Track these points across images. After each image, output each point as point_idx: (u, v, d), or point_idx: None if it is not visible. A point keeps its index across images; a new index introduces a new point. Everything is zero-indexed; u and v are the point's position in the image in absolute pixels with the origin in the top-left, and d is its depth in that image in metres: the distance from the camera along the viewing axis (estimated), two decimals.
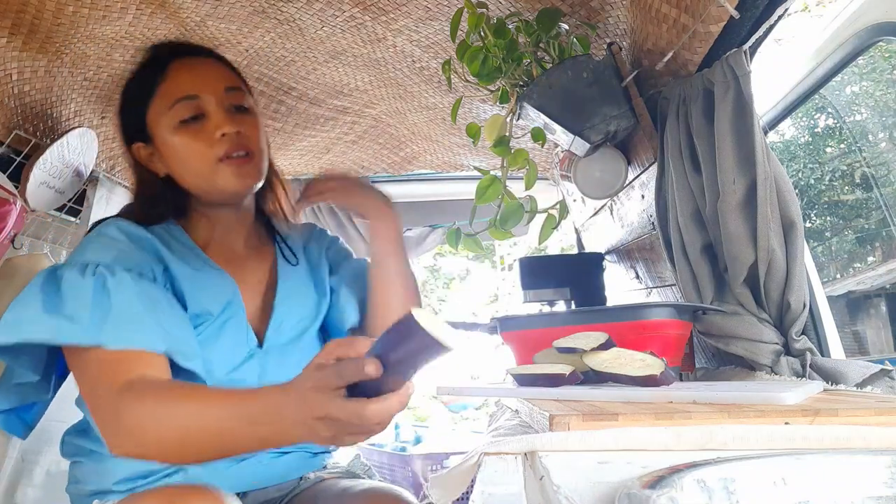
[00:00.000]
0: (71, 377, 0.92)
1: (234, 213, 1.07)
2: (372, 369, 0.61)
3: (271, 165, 1.11)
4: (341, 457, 1.18)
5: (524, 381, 0.92)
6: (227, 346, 0.97)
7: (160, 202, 1.03)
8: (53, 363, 0.95)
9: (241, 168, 0.99)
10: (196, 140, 0.97)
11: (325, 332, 1.15)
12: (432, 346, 0.60)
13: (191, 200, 1.05)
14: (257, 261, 1.09)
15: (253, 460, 0.97)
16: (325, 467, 1.11)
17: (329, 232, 1.25)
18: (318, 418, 0.64)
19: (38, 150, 1.41)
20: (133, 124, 1.02)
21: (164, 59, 1.01)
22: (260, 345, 1.01)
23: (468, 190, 2.17)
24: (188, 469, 0.93)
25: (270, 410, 0.69)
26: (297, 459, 1.03)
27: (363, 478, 1.08)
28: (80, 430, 1.00)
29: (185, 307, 0.94)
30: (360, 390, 0.64)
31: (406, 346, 0.61)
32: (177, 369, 0.88)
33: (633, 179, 1.38)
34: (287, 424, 0.68)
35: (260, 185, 1.05)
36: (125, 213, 1.03)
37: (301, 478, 1.05)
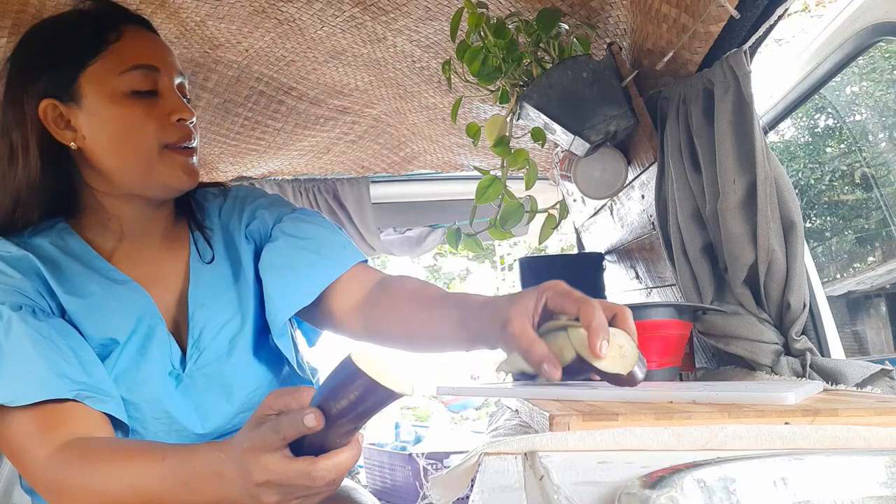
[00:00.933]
0: None
1: (153, 209, 0.90)
2: (312, 421, 0.55)
3: None
4: None
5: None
6: (154, 372, 0.84)
7: (53, 184, 0.85)
8: None
9: (189, 162, 0.86)
10: (146, 117, 0.83)
11: (268, 337, 0.95)
12: (378, 393, 0.53)
13: (97, 191, 0.87)
14: (173, 259, 0.92)
15: None
16: None
17: (257, 194, 1.02)
18: (260, 483, 0.58)
19: None
20: (54, 78, 0.83)
21: (114, 17, 0.87)
22: (183, 365, 0.86)
23: (468, 190, 2.17)
24: None
25: (207, 474, 0.63)
26: None
27: None
28: None
29: (84, 338, 0.81)
30: (306, 447, 0.57)
31: (348, 394, 0.54)
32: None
33: (633, 179, 1.38)
34: (228, 490, 0.61)
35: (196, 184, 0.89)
36: (8, 215, 0.84)
37: None
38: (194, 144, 0.87)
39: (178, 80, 0.88)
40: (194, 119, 0.87)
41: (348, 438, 0.58)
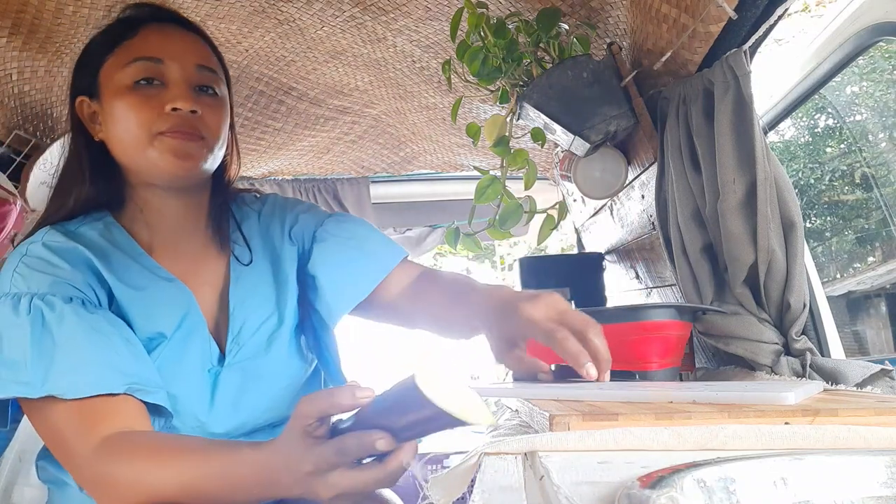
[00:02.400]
0: None
1: (182, 202, 0.92)
2: (385, 445, 0.56)
3: (233, 159, 1.00)
4: None
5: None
6: (193, 367, 0.87)
7: (93, 177, 0.89)
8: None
9: (184, 145, 0.85)
10: (143, 106, 0.84)
11: (315, 331, 1.00)
12: (445, 420, 0.52)
13: (129, 183, 0.91)
14: (214, 260, 0.95)
15: None
16: None
17: (294, 201, 1.07)
18: (331, 498, 0.60)
19: (38, 150, 1.41)
20: (84, 76, 0.90)
21: (140, 18, 0.91)
22: (222, 360, 0.89)
23: (468, 190, 2.17)
24: None
25: (256, 479, 0.64)
26: None
27: None
28: (49, 453, 0.89)
29: (133, 330, 0.83)
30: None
31: (414, 417, 0.53)
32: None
33: (633, 179, 1.38)
34: (282, 493, 0.63)
35: (203, 171, 0.90)
36: (50, 214, 0.89)
37: None
38: (199, 133, 0.87)
39: (193, 72, 0.88)
40: (195, 109, 0.86)
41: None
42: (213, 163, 0.91)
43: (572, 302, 1.74)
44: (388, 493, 0.92)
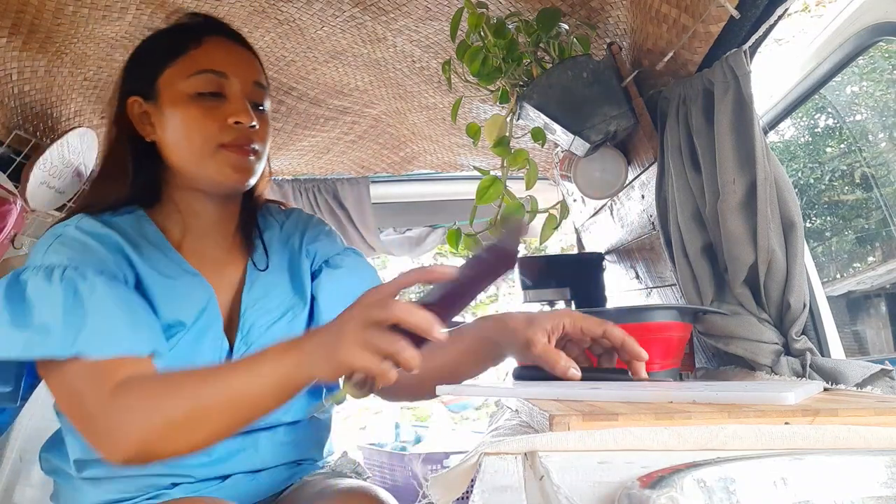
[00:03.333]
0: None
1: (220, 208, 0.98)
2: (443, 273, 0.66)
3: (265, 173, 1.04)
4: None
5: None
6: (205, 359, 0.90)
7: (136, 175, 0.93)
8: (23, 371, 0.90)
9: (242, 161, 0.91)
10: (206, 117, 0.89)
11: None
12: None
13: (170, 184, 0.95)
14: (234, 263, 1.00)
15: (230, 482, 0.91)
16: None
17: (317, 220, 1.12)
18: (357, 319, 0.65)
19: (38, 150, 1.41)
20: (141, 77, 0.94)
21: (202, 28, 0.95)
22: (230, 356, 0.93)
23: (468, 190, 2.17)
24: (170, 492, 0.88)
25: (282, 348, 0.69)
26: (278, 474, 0.97)
27: (350, 476, 1.03)
28: (53, 445, 0.94)
29: (157, 315, 0.87)
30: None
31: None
32: None
33: (633, 179, 1.38)
34: (313, 346, 0.68)
35: (250, 185, 0.96)
36: (88, 204, 0.93)
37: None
38: (254, 147, 0.92)
39: (250, 89, 0.93)
40: (255, 123, 0.91)
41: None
42: (256, 177, 0.95)
43: (572, 302, 1.74)
44: (384, 494, 0.92)
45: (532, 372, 0.88)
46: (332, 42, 1.40)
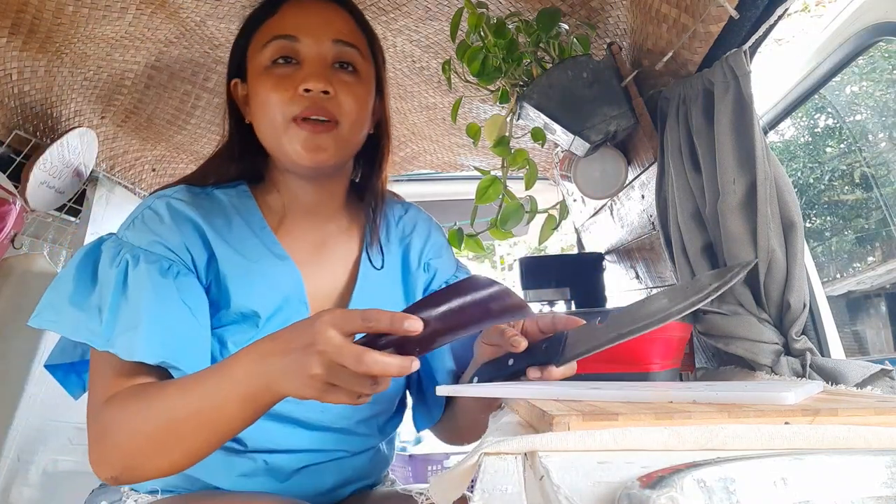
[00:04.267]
0: None
1: (318, 188, 0.91)
2: (414, 325, 0.59)
3: (384, 144, 0.96)
4: None
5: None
6: None
7: (241, 158, 0.91)
8: None
9: (315, 137, 0.81)
10: (277, 88, 0.82)
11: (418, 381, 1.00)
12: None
13: (270, 164, 0.92)
14: (340, 251, 0.93)
15: (303, 473, 0.87)
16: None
17: (436, 227, 1.06)
18: (319, 352, 0.58)
19: (38, 150, 1.41)
20: (235, 58, 0.91)
21: None
22: None
23: (468, 190, 2.17)
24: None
25: (249, 355, 0.64)
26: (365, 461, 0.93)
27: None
28: None
29: (228, 302, 0.82)
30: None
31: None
32: None
33: (633, 179, 1.38)
34: (277, 357, 0.62)
35: (339, 163, 0.87)
36: (195, 176, 0.91)
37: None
38: (325, 118, 0.83)
39: (329, 47, 0.85)
40: (327, 88, 0.82)
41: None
42: (347, 150, 0.87)
43: (572, 302, 1.74)
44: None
45: (491, 369, 0.87)
46: None
